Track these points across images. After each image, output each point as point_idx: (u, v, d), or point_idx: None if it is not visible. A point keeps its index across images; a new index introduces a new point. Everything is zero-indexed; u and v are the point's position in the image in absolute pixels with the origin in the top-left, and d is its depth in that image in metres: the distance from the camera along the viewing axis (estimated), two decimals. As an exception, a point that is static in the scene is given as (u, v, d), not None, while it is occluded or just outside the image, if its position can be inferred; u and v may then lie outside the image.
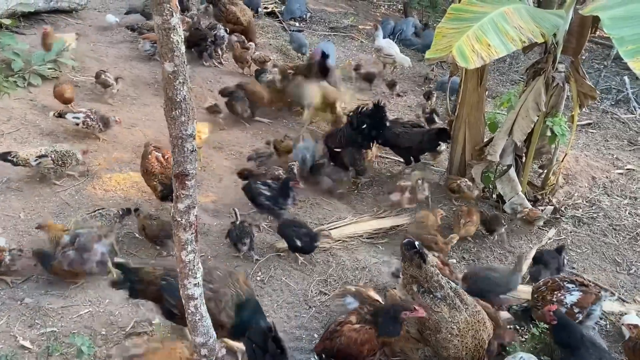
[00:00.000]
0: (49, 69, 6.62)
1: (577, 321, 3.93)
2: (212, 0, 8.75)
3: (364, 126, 5.68)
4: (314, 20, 11.08)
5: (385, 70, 8.80)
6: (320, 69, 7.16)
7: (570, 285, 4.11)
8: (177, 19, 1.96)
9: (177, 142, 2.23)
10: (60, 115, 5.72)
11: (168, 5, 1.91)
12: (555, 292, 4.06)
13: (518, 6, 4.21)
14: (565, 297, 4.02)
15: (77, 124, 5.70)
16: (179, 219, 2.44)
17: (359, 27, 10.91)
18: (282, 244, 4.76)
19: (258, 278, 4.49)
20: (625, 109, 8.63)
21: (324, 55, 7.22)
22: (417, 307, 3.46)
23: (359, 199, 5.86)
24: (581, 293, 4.06)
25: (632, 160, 7.19)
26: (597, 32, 5.21)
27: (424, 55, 5.36)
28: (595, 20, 4.72)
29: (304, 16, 10.86)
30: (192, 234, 2.48)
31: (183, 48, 2.06)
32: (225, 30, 8.06)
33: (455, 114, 5.82)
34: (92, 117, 5.72)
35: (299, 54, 8.80)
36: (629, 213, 6.05)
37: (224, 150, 6.29)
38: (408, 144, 6.09)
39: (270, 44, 9.23)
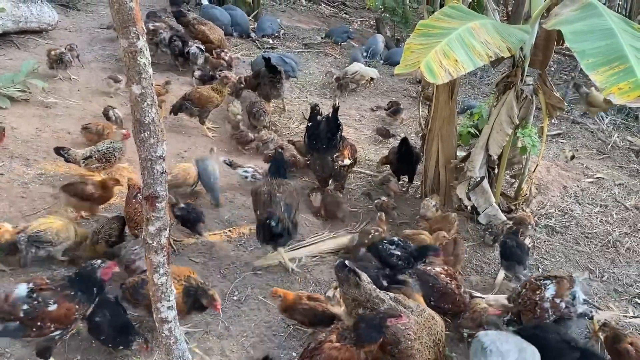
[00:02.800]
0: (18, 90, 6.51)
1: (564, 310, 4.05)
2: (183, 23, 8.82)
3: (317, 127, 5.56)
4: (288, 37, 11.18)
5: (361, 86, 8.95)
6: (269, 73, 7.28)
7: (546, 282, 4.20)
8: (144, 41, 1.96)
9: (147, 164, 2.21)
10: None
11: (134, 29, 1.90)
12: (537, 292, 4.12)
13: (485, 22, 4.30)
14: (546, 293, 4.10)
15: None
16: (150, 242, 2.41)
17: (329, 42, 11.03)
18: (261, 262, 4.75)
19: (235, 297, 4.44)
20: (593, 120, 8.83)
21: (267, 60, 7.32)
22: (401, 314, 3.44)
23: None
24: (556, 284, 4.14)
25: (601, 168, 7.35)
26: (565, 44, 5.36)
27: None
28: (561, 33, 4.85)
29: (276, 33, 10.93)
30: (164, 256, 2.46)
31: (150, 70, 2.06)
32: (199, 48, 8.24)
33: (428, 127, 5.88)
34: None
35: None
36: (599, 221, 6.16)
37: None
38: None
39: (244, 62, 9.26)
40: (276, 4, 13.69)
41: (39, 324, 3.20)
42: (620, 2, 10.78)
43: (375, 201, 5.79)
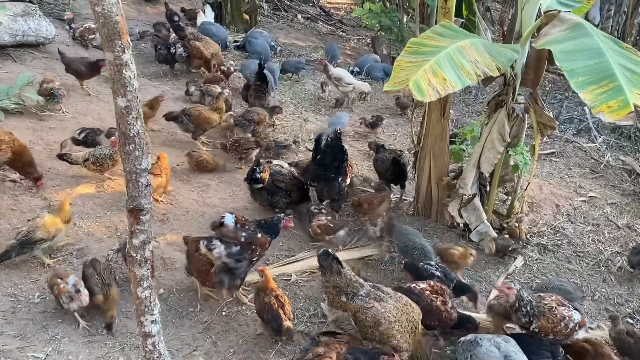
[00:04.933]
0: (13, 103, 6.52)
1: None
2: (180, 37, 8.93)
3: (325, 158, 5.63)
4: (284, 54, 11.24)
5: (347, 99, 9.00)
6: (257, 80, 7.35)
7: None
8: (129, 55, 1.98)
9: (132, 177, 2.21)
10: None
11: (120, 42, 1.92)
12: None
13: (475, 41, 4.35)
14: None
15: None
16: (134, 255, 2.40)
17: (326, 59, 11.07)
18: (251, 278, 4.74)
19: (223, 313, 4.41)
20: (586, 138, 8.87)
21: (261, 66, 7.39)
22: (394, 354, 3.60)
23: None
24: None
25: (594, 187, 7.37)
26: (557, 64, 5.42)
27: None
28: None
29: (275, 49, 11.00)
30: (148, 269, 2.45)
31: (136, 83, 2.07)
32: (184, 50, 8.54)
33: (420, 144, 5.91)
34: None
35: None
36: (591, 240, 6.16)
37: (190, 182, 6.25)
38: None
39: (239, 77, 9.29)
40: (273, 21, 13.81)
41: (253, 247, 4.17)
42: (613, 24, 10.90)
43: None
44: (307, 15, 14.81)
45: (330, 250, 3.99)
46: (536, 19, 4.78)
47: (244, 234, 4.23)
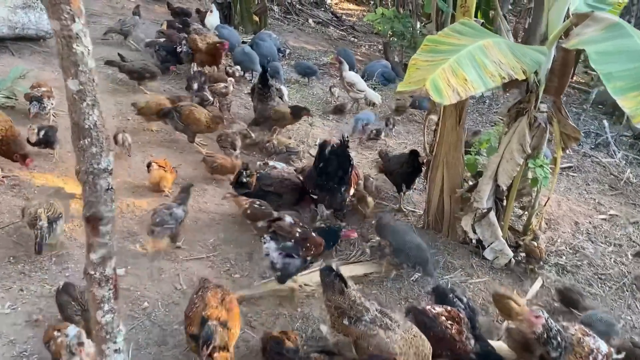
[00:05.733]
0: (4, 97, 6.21)
1: None
2: (186, 32, 8.65)
3: (327, 166, 5.18)
4: (293, 57, 10.92)
5: (355, 105, 8.64)
6: (259, 83, 7.06)
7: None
8: (81, 25, 1.60)
9: (88, 178, 1.83)
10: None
11: (67, 7, 1.54)
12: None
13: (498, 40, 3.96)
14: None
15: None
16: (92, 273, 2.01)
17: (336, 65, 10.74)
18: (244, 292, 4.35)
19: (212, 330, 4.02)
20: (605, 153, 8.51)
21: (264, 70, 7.11)
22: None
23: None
24: None
25: (614, 205, 6.97)
26: (574, 77, 5.05)
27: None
28: (578, 58, 4.55)
29: (283, 52, 10.68)
30: (109, 290, 2.06)
31: (91, 62, 1.70)
32: (189, 49, 8.17)
33: (433, 153, 5.52)
34: None
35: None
36: (614, 261, 5.74)
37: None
38: None
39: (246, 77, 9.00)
40: (284, 24, 13.53)
41: (307, 244, 4.25)
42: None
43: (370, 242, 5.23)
44: (318, 20, 14.53)
45: (333, 265, 3.57)
46: (564, 21, 4.41)
47: (299, 229, 4.29)
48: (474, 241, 5.46)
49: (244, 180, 5.29)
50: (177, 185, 5.48)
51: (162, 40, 8.58)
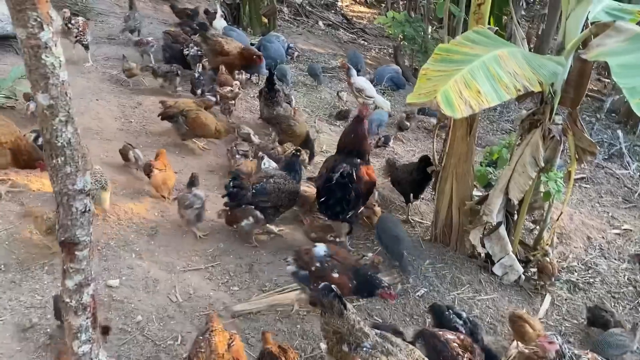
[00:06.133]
0: (4, 97, 6.09)
1: None
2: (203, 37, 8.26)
3: (329, 200, 4.93)
4: (301, 60, 10.76)
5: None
6: (266, 87, 6.90)
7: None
8: (50, 33, 1.43)
9: (62, 200, 1.67)
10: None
11: (34, 14, 1.37)
12: None
13: (513, 50, 3.76)
14: None
15: None
16: (68, 300, 1.85)
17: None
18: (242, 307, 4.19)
19: (208, 347, 3.85)
20: (618, 164, 8.29)
21: (270, 73, 6.93)
22: None
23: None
24: None
25: (628, 219, 6.75)
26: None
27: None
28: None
29: (292, 54, 10.53)
30: (87, 318, 1.90)
31: (63, 74, 1.53)
32: (198, 51, 7.99)
33: (442, 164, 5.33)
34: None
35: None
36: (627, 279, 5.53)
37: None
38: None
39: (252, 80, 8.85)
40: (293, 27, 13.37)
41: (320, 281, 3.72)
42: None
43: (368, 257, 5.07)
44: (328, 22, 14.36)
45: (334, 286, 3.38)
46: (582, 30, 4.22)
47: (318, 264, 4.08)
48: (482, 255, 5.27)
49: (231, 190, 4.89)
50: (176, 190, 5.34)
51: (151, 39, 8.42)
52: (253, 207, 4.86)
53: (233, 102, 7.17)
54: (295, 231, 5.37)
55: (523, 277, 5.16)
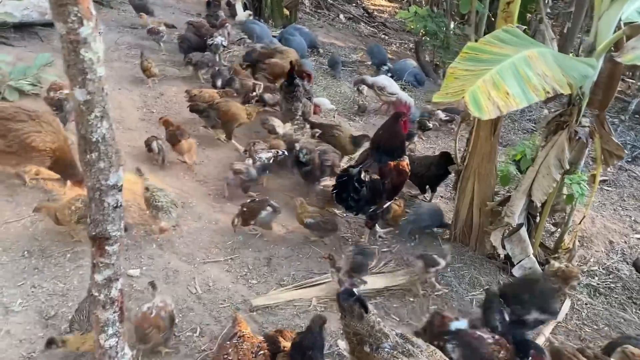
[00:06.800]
0: (30, 84, 6.13)
1: None
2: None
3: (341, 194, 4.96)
4: (321, 53, 10.70)
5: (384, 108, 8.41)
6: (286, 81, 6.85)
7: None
8: (91, 29, 1.42)
9: (95, 195, 1.68)
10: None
11: (75, 9, 1.37)
12: None
13: (544, 51, 3.69)
14: None
15: None
16: (97, 294, 1.87)
17: (367, 63, 10.50)
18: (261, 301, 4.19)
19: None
20: (640, 166, 8.14)
21: (292, 68, 6.79)
22: None
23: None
24: None
25: (651, 223, 6.63)
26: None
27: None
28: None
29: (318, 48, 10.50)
30: (114, 312, 1.91)
31: (101, 70, 1.53)
32: (222, 39, 7.93)
33: (465, 163, 5.28)
34: None
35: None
36: (650, 285, 5.45)
37: (207, 183, 5.74)
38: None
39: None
40: (314, 19, 13.30)
41: None
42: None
43: None
44: (349, 15, 14.27)
45: (355, 289, 3.35)
46: (614, 31, 4.13)
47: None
48: (502, 256, 5.22)
49: (303, 159, 5.57)
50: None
51: (164, 28, 8.40)
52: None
53: (255, 93, 7.15)
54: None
55: (542, 280, 5.09)
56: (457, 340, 3.49)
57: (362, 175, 4.81)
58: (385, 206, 5.22)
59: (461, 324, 3.65)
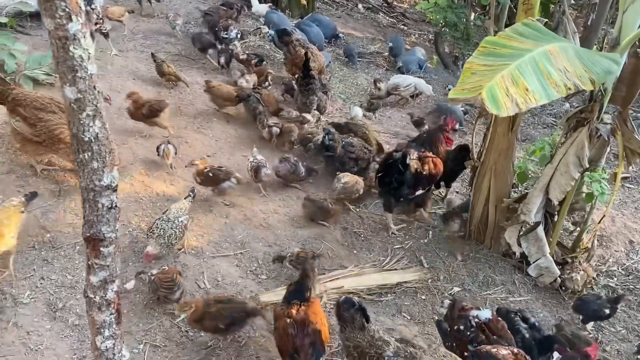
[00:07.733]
0: (45, 74, 6.13)
1: None
2: (284, 42, 7.81)
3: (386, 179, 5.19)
4: (338, 44, 10.56)
5: (408, 103, 8.29)
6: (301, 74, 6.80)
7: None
8: (79, 24, 1.36)
9: (88, 196, 1.63)
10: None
11: (63, 4, 1.30)
12: None
13: (565, 45, 3.55)
14: None
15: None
16: (92, 296, 1.82)
17: (385, 54, 10.34)
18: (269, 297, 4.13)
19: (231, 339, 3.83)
20: (667, 164, 7.88)
21: (306, 60, 6.69)
22: None
23: (364, 245, 5.17)
24: None
25: (673, 223, 6.43)
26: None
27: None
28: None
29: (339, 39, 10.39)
30: (110, 314, 1.87)
31: (92, 68, 1.46)
32: (237, 33, 7.92)
33: (481, 160, 5.16)
34: None
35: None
36: (671, 287, 5.29)
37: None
38: None
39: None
40: (332, 9, 13.13)
41: None
42: None
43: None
44: (368, 5, 14.06)
45: (356, 299, 3.26)
46: (640, 25, 3.96)
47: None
48: (517, 255, 5.11)
49: (328, 143, 5.69)
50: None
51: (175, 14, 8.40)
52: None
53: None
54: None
55: (559, 280, 4.98)
56: (476, 356, 3.38)
57: (407, 159, 4.99)
58: (418, 193, 5.23)
59: (485, 313, 3.58)
